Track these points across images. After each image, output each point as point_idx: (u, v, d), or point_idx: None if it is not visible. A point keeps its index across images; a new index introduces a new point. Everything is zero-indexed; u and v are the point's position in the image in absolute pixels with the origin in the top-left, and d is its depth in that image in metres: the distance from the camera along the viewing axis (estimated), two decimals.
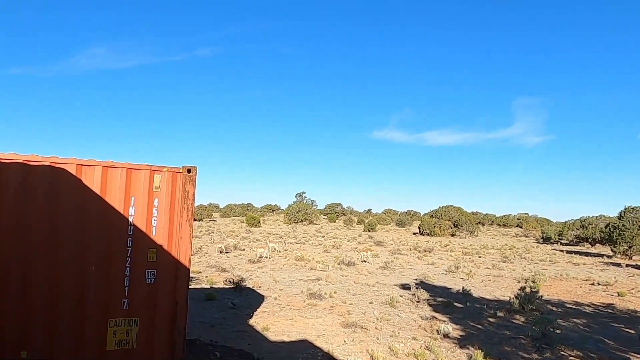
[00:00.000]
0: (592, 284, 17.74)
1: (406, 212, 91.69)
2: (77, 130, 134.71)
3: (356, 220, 72.13)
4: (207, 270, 16.56)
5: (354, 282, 15.45)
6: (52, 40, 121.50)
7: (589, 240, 42.39)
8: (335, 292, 13.01)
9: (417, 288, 13.54)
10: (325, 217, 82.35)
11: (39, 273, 5.48)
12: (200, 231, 37.26)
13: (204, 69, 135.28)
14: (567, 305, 13.36)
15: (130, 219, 5.88)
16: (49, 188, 5.54)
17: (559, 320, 10.72)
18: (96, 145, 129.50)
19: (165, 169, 6.12)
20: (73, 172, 5.64)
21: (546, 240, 50.18)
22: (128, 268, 5.83)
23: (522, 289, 13.19)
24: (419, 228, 54.34)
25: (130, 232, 5.87)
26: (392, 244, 33.98)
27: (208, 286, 13.25)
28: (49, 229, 5.53)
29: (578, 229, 46.18)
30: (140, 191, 5.95)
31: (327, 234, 44.49)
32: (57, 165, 5.58)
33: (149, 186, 6.00)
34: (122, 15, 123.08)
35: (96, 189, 5.72)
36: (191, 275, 6.94)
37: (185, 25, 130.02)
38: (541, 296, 12.77)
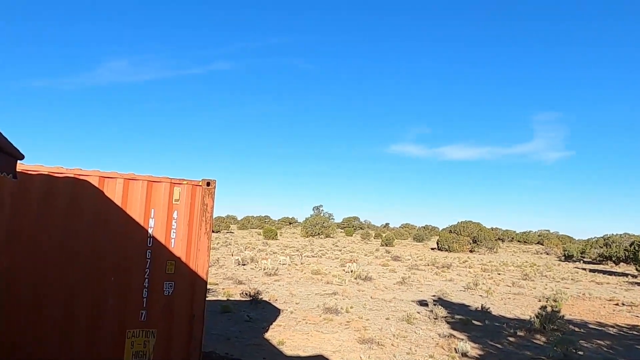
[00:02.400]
0: (617, 304, 17.24)
1: (424, 227, 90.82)
2: (98, 141, 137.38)
3: (373, 234, 71.71)
4: (224, 282, 16.61)
5: (371, 297, 15.31)
6: (74, 53, 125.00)
7: (613, 258, 41.26)
8: (351, 307, 12.91)
9: (434, 305, 13.35)
10: (343, 230, 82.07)
11: (59, 283, 5.57)
12: (218, 243, 37.46)
13: (221, 82, 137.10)
14: (590, 326, 13.00)
15: (150, 231, 5.96)
16: (72, 199, 5.67)
17: (581, 341, 10.43)
18: (116, 157, 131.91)
19: (184, 182, 6.21)
20: (95, 184, 5.76)
21: (568, 258, 49.07)
22: (147, 279, 5.90)
23: (543, 307, 12.89)
24: (437, 243, 53.73)
25: (149, 243, 5.95)
26: (409, 259, 33.63)
27: (224, 298, 13.28)
28: (71, 239, 5.65)
29: (601, 247, 45.03)
30: (160, 203, 6.04)
31: (344, 247, 44.27)
32: (81, 177, 5.72)
33: (169, 199, 6.09)
34: (142, 29, 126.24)
35: (117, 200, 5.83)
36: (208, 287, 6.99)
37: (203, 40, 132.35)
38: (563, 316, 12.46)
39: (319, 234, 62.01)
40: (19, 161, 3.45)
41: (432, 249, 54.23)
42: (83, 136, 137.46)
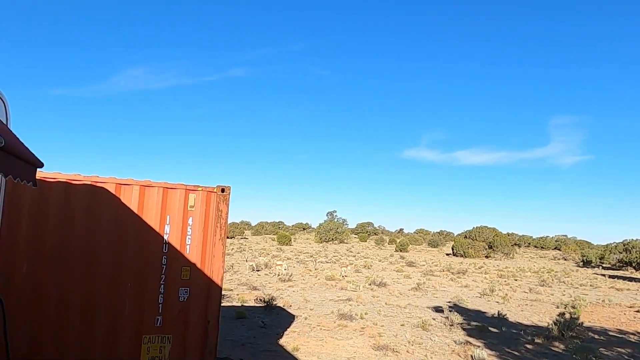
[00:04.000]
0: (637, 311, 16.87)
1: (439, 233, 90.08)
2: (115, 149, 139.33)
3: (388, 240, 71.38)
4: (238, 288, 16.67)
5: (385, 303, 15.22)
6: (92, 62, 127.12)
7: (633, 264, 40.44)
8: (366, 313, 12.84)
9: (450, 311, 13.22)
10: (356, 236, 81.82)
11: (77, 289, 5.66)
12: (232, 249, 37.63)
13: (236, 89, 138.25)
14: (610, 333, 12.74)
15: (165, 237, 6.02)
16: (90, 206, 5.76)
17: (601, 349, 10.23)
18: (132, 164, 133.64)
19: (199, 189, 6.27)
20: (112, 191, 5.85)
21: (586, 263, 48.22)
22: (162, 285, 5.96)
23: (562, 314, 12.69)
24: (452, 249, 53.27)
25: (165, 250, 6.01)
26: (424, 265, 33.38)
27: (239, 304, 13.32)
28: (89, 245, 5.73)
29: (621, 253, 44.15)
30: (175, 210, 6.10)
31: (358, 253, 44.14)
32: (98, 185, 5.81)
33: (184, 205, 6.15)
34: (159, 37, 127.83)
35: (134, 207, 5.91)
36: (223, 293, 7.02)
37: (219, 47, 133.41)
38: (582, 323, 12.24)
39: (332, 239, 61.92)
40: (38, 169, 3.52)
41: (447, 254, 53.77)
42: (100, 143, 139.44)
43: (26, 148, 3.28)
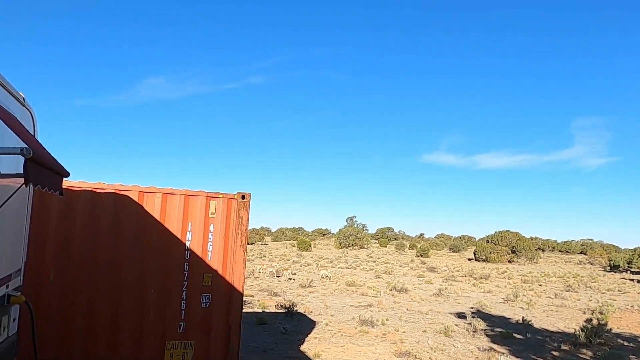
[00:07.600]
0: None
1: (460, 237, 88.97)
2: (137, 157, 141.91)
3: (408, 245, 70.79)
4: (259, 294, 16.72)
5: (407, 309, 15.08)
6: (114, 72, 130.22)
7: None
8: (387, 319, 12.74)
9: (473, 317, 13.01)
10: (377, 241, 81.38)
11: (102, 295, 5.76)
12: (253, 254, 37.79)
13: (255, 96, 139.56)
14: None
15: (187, 244, 6.10)
16: (114, 214, 5.88)
17: (631, 356, 9.94)
18: (154, 172, 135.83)
19: (220, 196, 6.33)
20: (135, 198, 5.95)
21: (614, 268, 46.94)
22: (185, 292, 6.03)
23: (589, 320, 12.37)
24: (474, 254, 52.51)
25: (187, 256, 6.08)
26: (445, 270, 32.98)
27: (260, 310, 13.36)
28: (114, 252, 5.84)
29: None
30: (197, 217, 6.17)
31: (379, 258, 43.87)
32: (122, 193, 5.92)
33: (205, 212, 6.22)
34: (179, 47, 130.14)
35: (156, 214, 6.00)
36: (244, 299, 7.06)
37: (237, 55, 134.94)
38: (610, 329, 11.91)
39: (352, 245, 61.68)
40: (64, 178, 3.61)
41: (469, 259, 53.00)
42: (122, 152, 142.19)
43: (53, 158, 3.37)
